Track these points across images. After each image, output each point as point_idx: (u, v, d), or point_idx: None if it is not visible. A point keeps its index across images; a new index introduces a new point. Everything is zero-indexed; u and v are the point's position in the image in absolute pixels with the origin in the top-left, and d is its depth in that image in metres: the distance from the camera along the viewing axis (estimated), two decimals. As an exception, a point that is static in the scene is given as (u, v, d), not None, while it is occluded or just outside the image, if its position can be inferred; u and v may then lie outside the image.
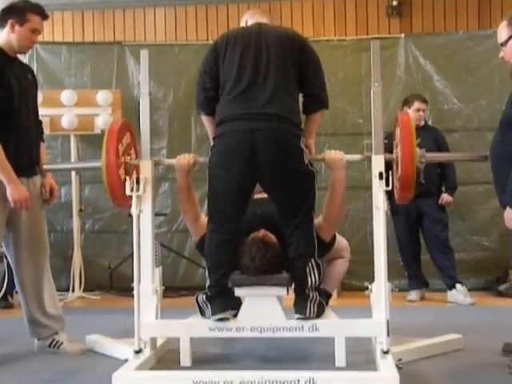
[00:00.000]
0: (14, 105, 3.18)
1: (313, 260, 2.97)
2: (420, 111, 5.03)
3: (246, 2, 6.06)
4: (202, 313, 3.06)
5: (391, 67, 5.73)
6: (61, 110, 5.51)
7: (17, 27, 3.20)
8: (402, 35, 5.86)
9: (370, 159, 3.09)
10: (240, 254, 3.01)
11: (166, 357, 3.22)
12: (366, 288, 3.06)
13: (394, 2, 6.04)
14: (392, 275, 3.09)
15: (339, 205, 3.17)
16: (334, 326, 3.01)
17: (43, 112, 3.82)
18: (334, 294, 4.08)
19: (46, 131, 4.06)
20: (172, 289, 4.87)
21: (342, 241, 3.38)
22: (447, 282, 5.01)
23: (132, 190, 3.02)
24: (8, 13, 3.23)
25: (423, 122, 5.10)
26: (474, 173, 5.42)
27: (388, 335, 2.82)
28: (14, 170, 3.12)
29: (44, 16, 3.28)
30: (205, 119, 3.18)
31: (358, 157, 3.24)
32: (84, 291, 5.56)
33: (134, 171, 3.20)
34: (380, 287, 2.93)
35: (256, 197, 3.25)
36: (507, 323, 3.70)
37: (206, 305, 3.03)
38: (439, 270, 5.05)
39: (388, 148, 3.22)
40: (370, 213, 3.43)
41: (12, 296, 4.98)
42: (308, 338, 3.07)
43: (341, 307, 3.97)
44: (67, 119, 5.50)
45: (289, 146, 2.93)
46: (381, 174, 2.97)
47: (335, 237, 3.26)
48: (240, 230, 3.03)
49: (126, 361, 2.91)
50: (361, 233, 5.57)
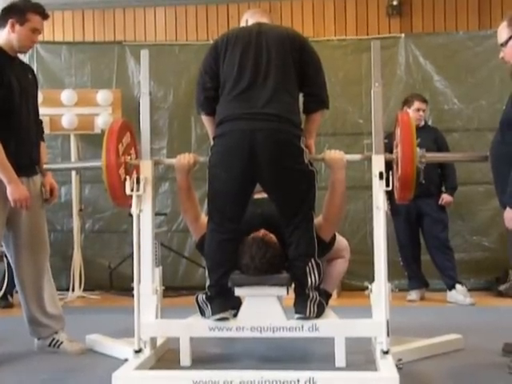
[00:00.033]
0: (14, 104, 3.18)
1: (313, 260, 2.97)
2: (420, 111, 5.02)
3: (247, 2, 6.06)
4: (202, 312, 3.06)
5: (391, 67, 5.73)
6: (61, 109, 5.51)
7: (17, 27, 3.20)
8: (403, 35, 5.86)
9: (370, 159, 3.09)
10: (240, 254, 3.01)
11: (165, 356, 3.22)
12: (366, 288, 3.05)
13: (395, 2, 6.04)
14: (392, 275, 3.09)
15: (339, 205, 3.17)
16: (334, 326, 3.01)
17: (43, 112, 3.82)
18: (334, 294, 4.08)
19: (46, 131, 4.06)
20: (172, 288, 4.86)
21: (341, 241, 3.38)
22: (447, 282, 5.00)
23: (132, 190, 3.02)
24: (8, 12, 3.23)
25: (423, 121, 5.10)
26: (474, 173, 5.42)
27: (388, 335, 2.82)
28: (14, 169, 3.12)
29: (44, 16, 3.28)
30: (205, 119, 3.18)
31: (358, 157, 3.24)
32: (84, 291, 5.56)
33: (134, 171, 3.20)
34: (380, 287, 2.93)
35: (256, 197, 3.25)
36: (507, 323, 3.70)
37: (206, 304, 3.03)
38: (439, 270, 5.04)
39: (388, 148, 3.22)
40: (369, 213, 3.43)
41: (12, 295, 4.98)
42: (308, 338, 3.06)
43: (341, 307, 3.97)
44: (67, 119, 5.50)
45: (289, 146, 2.92)
46: (381, 173, 2.97)
47: (335, 237, 3.26)
48: (240, 229, 3.03)
49: (126, 360, 2.91)
50: (361, 233, 5.57)
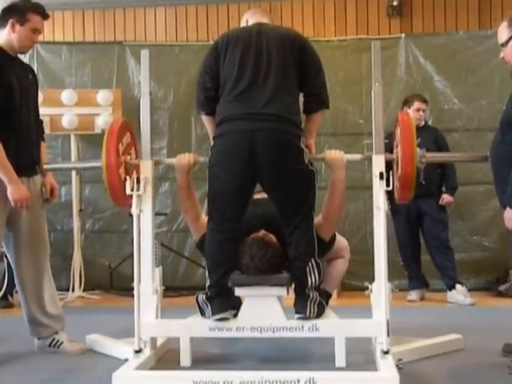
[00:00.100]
0: (14, 104, 3.18)
1: (313, 260, 2.97)
2: (420, 111, 5.02)
3: (247, 2, 6.06)
4: (202, 313, 3.06)
5: (392, 67, 5.73)
6: (61, 109, 5.51)
7: (17, 27, 3.20)
8: (403, 35, 5.85)
9: (370, 159, 3.09)
10: (240, 254, 3.01)
11: (165, 357, 3.22)
12: (366, 288, 3.05)
13: (395, 2, 6.04)
14: (392, 275, 3.09)
15: (339, 204, 3.17)
16: (334, 326, 3.01)
17: (43, 112, 3.82)
18: (334, 294, 4.08)
19: (47, 131, 4.06)
20: (172, 288, 4.86)
21: (341, 240, 3.38)
22: (447, 282, 5.00)
23: (132, 190, 3.02)
24: (9, 12, 3.23)
25: (423, 122, 5.10)
26: (474, 173, 5.42)
27: (388, 335, 2.82)
28: (14, 169, 3.12)
29: (44, 16, 3.28)
30: (205, 119, 3.18)
31: (358, 156, 3.24)
32: (84, 291, 5.56)
33: (134, 171, 3.20)
34: (380, 287, 2.93)
35: (256, 197, 3.25)
36: (507, 323, 3.70)
37: (206, 305, 3.03)
38: (439, 270, 5.04)
39: (388, 148, 3.22)
40: (370, 213, 3.44)
41: (12, 295, 4.98)
42: (308, 338, 3.06)
43: (341, 307, 3.97)
44: (67, 119, 5.50)
45: (289, 146, 2.92)
46: (381, 174, 2.97)
47: (335, 236, 3.26)
48: (240, 229, 3.03)
49: (126, 360, 2.91)
50: (361, 233, 5.56)
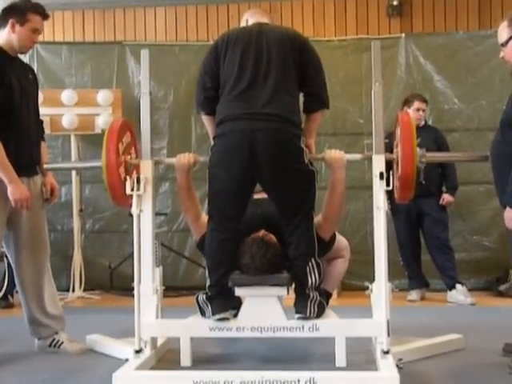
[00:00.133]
0: (14, 104, 3.18)
1: (313, 259, 2.97)
2: (420, 111, 5.02)
3: (247, 2, 6.06)
4: (203, 313, 3.06)
5: (392, 67, 5.73)
6: (61, 109, 5.51)
7: (17, 27, 3.19)
8: (403, 35, 5.85)
9: (370, 159, 3.09)
10: (240, 254, 3.01)
11: (166, 357, 3.22)
12: (367, 288, 3.05)
13: (395, 2, 6.05)
14: (392, 275, 3.09)
15: (339, 204, 3.17)
16: (334, 326, 3.01)
17: (44, 112, 3.82)
18: (334, 294, 4.07)
19: (47, 131, 4.06)
20: (172, 288, 4.86)
21: (341, 240, 3.38)
22: (447, 282, 5.00)
23: (132, 190, 3.01)
24: (9, 12, 3.22)
25: (423, 121, 5.10)
26: (474, 173, 5.42)
27: (388, 335, 2.82)
28: (14, 169, 3.11)
29: (44, 16, 3.28)
30: (205, 119, 3.18)
31: (358, 156, 3.24)
32: (84, 291, 5.56)
33: (135, 170, 3.20)
34: (380, 287, 2.93)
35: (256, 197, 3.25)
36: (507, 323, 3.69)
37: (207, 305, 3.03)
38: (439, 270, 5.04)
39: (388, 148, 3.21)
40: (370, 213, 3.44)
41: (12, 295, 4.98)
42: (308, 338, 3.06)
43: (341, 307, 3.97)
44: (68, 119, 5.50)
45: (289, 145, 2.92)
46: (381, 173, 2.96)
47: (335, 236, 3.26)
48: (240, 229, 3.03)
49: (127, 360, 2.90)
50: (361, 232, 5.56)
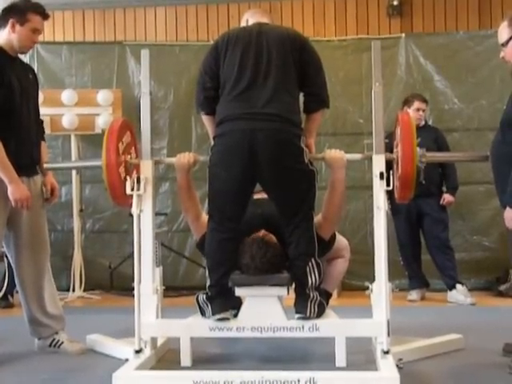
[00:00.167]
0: (14, 104, 3.18)
1: (313, 259, 2.97)
2: (420, 111, 5.02)
3: (247, 2, 6.07)
4: (203, 312, 3.06)
5: (392, 67, 5.73)
6: (61, 109, 5.51)
7: (17, 27, 3.19)
8: (403, 35, 5.86)
9: (370, 158, 3.09)
10: (240, 254, 3.01)
11: (166, 356, 3.22)
12: (367, 288, 3.05)
13: (395, 2, 6.05)
14: (392, 275, 3.09)
15: (338, 204, 3.17)
16: (334, 326, 3.01)
17: (44, 112, 3.81)
18: (335, 294, 4.07)
19: (47, 131, 4.05)
20: (172, 288, 4.87)
21: (341, 240, 3.38)
22: (447, 282, 5.00)
23: (132, 190, 3.01)
24: (9, 12, 3.22)
25: (423, 121, 5.10)
26: (474, 173, 5.42)
27: (388, 335, 2.82)
28: (14, 169, 3.11)
29: (45, 16, 3.28)
30: (205, 118, 3.18)
31: (358, 156, 3.23)
32: (84, 291, 5.56)
33: (135, 170, 3.20)
34: (380, 287, 2.93)
35: (256, 197, 3.25)
36: (507, 323, 3.69)
37: (207, 304, 3.03)
38: (439, 270, 5.04)
39: (389, 148, 3.21)
40: (370, 213, 3.44)
41: (12, 295, 4.98)
42: (308, 338, 3.06)
43: (341, 307, 3.97)
44: (68, 119, 5.50)
45: (289, 145, 2.92)
46: (381, 173, 2.96)
47: (335, 236, 3.26)
48: (240, 229, 3.03)
49: (127, 360, 2.91)
50: (361, 232, 5.57)
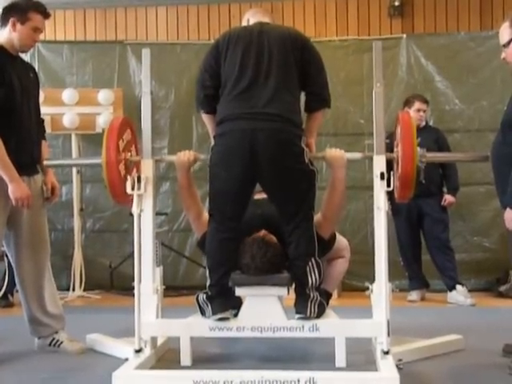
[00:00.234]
0: (15, 103, 3.18)
1: (313, 259, 2.97)
2: (421, 111, 5.02)
3: (248, 2, 6.06)
4: (203, 312, 3.06)
5: (393, 68, 5.73)
6: (62, 108, 5.50)
7: (18, 26, 3.19)
8: (404, 36, 5.86)
9: (370, 158, 3.09)
10: (241, 254, 3.00)
11: (166, 356, 3.22)
12: (367, 288, 3.05)
13: (396, 3, 6.05)
14: (392, 275, 3.08)
15: (338, 203, 3.17)
16: (334, 326, 3.01)
17: (44, 111, 3.81)
18: (335, 294, 4.07)
19: (47, 130, 4.04)
20: (172, 288, 4.86)
21: (342, 240, 3.37)
22: (447, 282, 5.00)
23: (133, 189, 3.01)
24: (10, 11, 3.22)
25: (424, 122, 5.10)
26: (474, 173, 5.42)
27: (388, 335, 2.82)
28: (15, 168, 3.11)
29: (46, 15, 3.28)
30: (205, 117, 3.18)
31: (358, 155, 3.24)
32: (84, 290, 5.55)
33: (134, 168, 3.20)
34: (380, 287, 2.93)
35: (256, 197, 3.25)
36: (508, 324, 3.69)
37: (207, 304, 3.03)
38: (439, 270, 5.04)
39: (389, 148, 3.21)
40: (370, 213, 3.43)
41: (12, 295, 4.97)
42: (308, 338, 3.06)
43: (341, 307, 3.97)
44: (68, 118, 5.49)
45: (289, 145, 2.92)
46: (382, 174, 2.96)
47: (335, 236, 3.26)
48: (240, 228, 3.02)
49: (127, 360, 2.91)
50: (361, 233, 5.56)
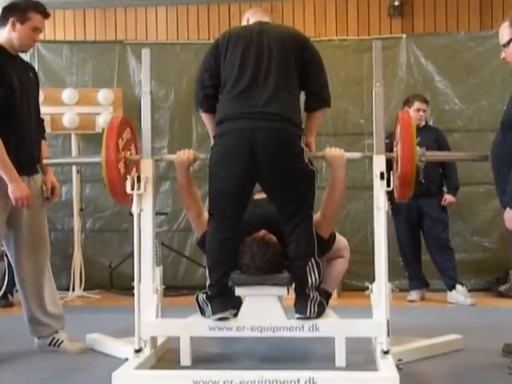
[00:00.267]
0: (15, 103, 3.18)
1: (313, 259, 2.97)
2: (420, 111, 5.02)
3: (248, 1, 6.06)
4: (203, 312, 3.06)
5: (393, 67, 5.73)
6: (62, 108, 5.50)
7: (18, 25, 3.19)
8: (404, 35, 5.86)
9: (370, 158, 3.09)
10: (240, 253, 3.00)
11: (166, 356, 3.22)
12: (367, 288, 3.05)
13: (396, 2, 6.05)
14: (392, 275, 3.08)
15: (338, 202, 3.16)
16: (334, 326, 3.01)
17: (44, 111, 3.81)
18: (334, 294, 4.08)
19: (47, 130, 4.03)
20: (172, 288, 4.86)
21: (341, 240, 3.38)
22: (447, 282, 5.00)
23: (133, 189, 3.01)
24: (9, 11, 3.22)
25: (424, 122, 5.10)
26: (474, 173, 5.42)
27: (388, 335, 2.82)
28: (14, 167, 3.11)
29: (45, 14, 3.28)
30: (204, 117, 3.17)
31: (358, 155, 3.23)
32: (84, 290, 5.56)
33: (134, 168, 3.20)
34: (380, 287, 2.93)
35: (256, 197, 3.25)
36: (507, 324, 3.69)
37: (207, 304, 3.02)
38: (439, 270, 5.04)
39: (389, 148, 3.21)
40: (370, 213, 3.43)
41: (12, 294, 4.97)
42: (308, 338, 3.06)
43: (341, 307, 3.97)
44: (68, 118, 5.49)
45: (289, 145, 2.92)
46: (382, 174, 2.96)
47: (335, 236, 3.26)
48: (240, 228, 3.02)
49: (126, 360, 2.91)
50: (361, 233, 5.56)
